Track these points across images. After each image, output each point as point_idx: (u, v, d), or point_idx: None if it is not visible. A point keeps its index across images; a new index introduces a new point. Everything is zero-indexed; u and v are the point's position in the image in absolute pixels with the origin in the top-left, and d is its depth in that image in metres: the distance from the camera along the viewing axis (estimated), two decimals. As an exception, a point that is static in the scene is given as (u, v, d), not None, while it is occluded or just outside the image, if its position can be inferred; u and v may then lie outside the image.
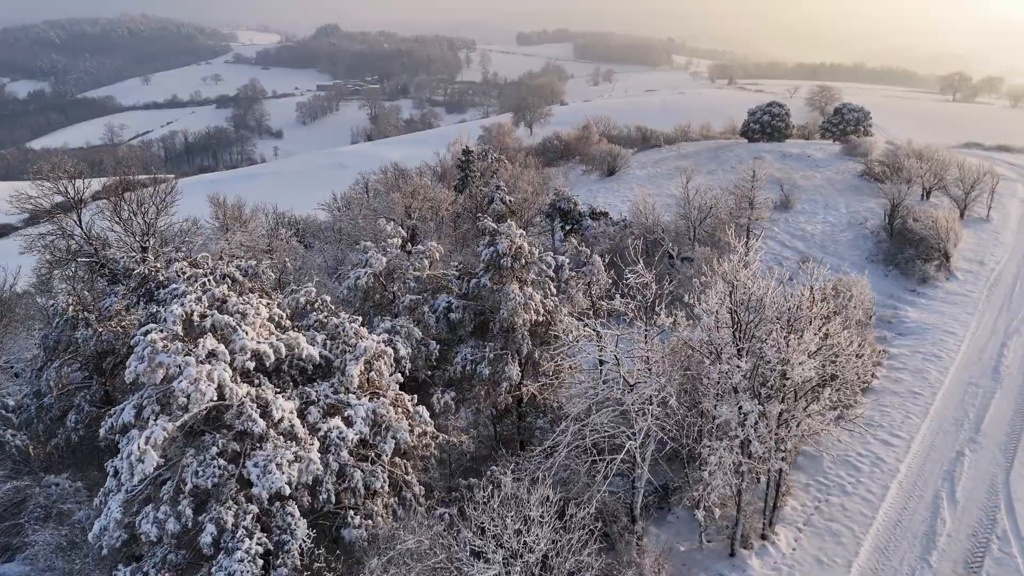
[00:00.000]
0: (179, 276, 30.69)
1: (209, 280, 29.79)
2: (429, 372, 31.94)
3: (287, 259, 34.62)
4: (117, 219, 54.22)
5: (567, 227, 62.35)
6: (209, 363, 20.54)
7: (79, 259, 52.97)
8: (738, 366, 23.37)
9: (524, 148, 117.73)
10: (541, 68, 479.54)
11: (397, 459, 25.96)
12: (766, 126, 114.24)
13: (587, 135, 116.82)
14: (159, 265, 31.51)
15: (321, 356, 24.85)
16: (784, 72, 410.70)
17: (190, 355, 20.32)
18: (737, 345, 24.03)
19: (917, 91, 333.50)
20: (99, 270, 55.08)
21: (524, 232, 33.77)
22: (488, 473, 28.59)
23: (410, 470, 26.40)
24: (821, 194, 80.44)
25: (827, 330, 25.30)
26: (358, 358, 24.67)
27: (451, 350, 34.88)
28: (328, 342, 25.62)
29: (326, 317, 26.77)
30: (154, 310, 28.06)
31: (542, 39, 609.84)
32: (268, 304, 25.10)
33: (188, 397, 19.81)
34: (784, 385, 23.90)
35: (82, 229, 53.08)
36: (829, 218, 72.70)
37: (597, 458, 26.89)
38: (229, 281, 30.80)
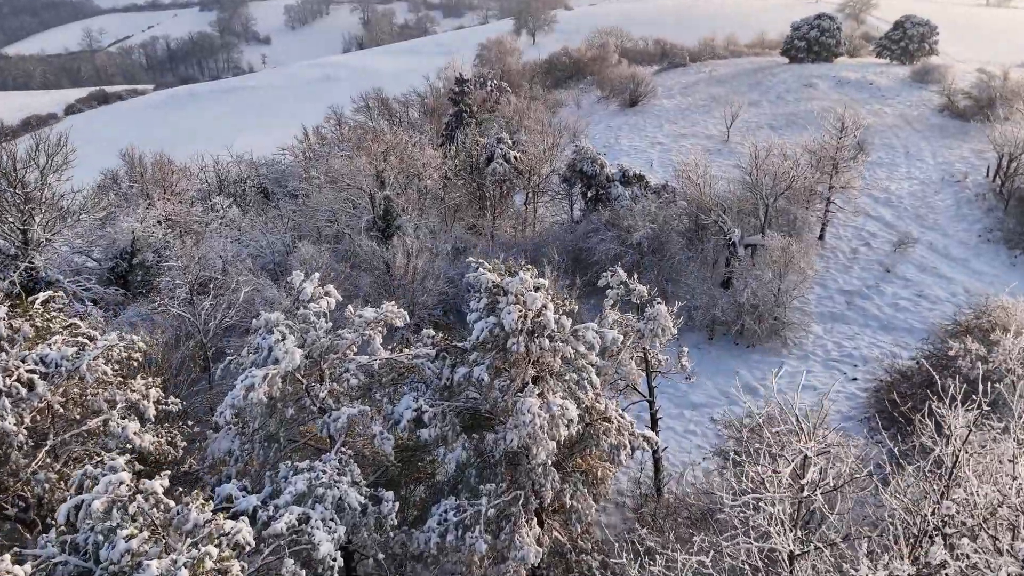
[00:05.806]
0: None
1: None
2: (382, 551, 18.51)
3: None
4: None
5: (590, 194, 47.73)
6: None
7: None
8: None
9: (529, 67, 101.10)
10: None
11: None
12: (813, 43, 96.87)
13: (603, 54, 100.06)
14: None
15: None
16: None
17: None
18: None
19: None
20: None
21: (546, 286, 19.68)
22: None
23: None
24: (898, 136, 65.05)
25: None
26: None
27: (420, 458, 21.66)
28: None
29: (151, 548, 12.96)
30: None
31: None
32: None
33: None
34: None
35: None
36: (915, 172, 57.77)
37: None
38: (25, 390, 17.17)
